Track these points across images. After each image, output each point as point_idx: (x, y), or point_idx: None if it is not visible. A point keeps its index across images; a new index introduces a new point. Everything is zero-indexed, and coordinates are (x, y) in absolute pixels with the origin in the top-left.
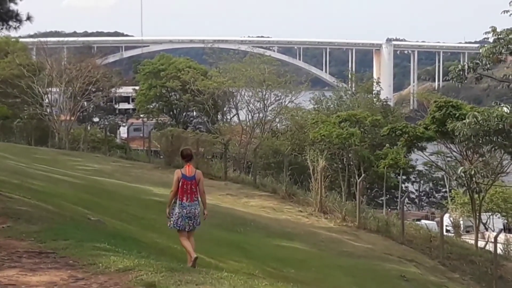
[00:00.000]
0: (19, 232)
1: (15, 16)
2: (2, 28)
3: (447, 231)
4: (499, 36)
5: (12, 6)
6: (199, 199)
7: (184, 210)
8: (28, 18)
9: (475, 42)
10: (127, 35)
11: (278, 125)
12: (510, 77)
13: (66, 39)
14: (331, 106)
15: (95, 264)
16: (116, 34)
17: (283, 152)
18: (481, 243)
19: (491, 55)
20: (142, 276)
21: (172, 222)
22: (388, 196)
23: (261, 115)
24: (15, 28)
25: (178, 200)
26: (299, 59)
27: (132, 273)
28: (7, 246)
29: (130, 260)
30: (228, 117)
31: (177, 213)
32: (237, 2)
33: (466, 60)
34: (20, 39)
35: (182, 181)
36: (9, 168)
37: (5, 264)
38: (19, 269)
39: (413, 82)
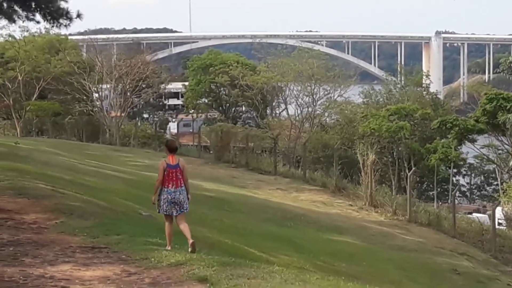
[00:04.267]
0: (72, 227)
1: (66, 14)
2: (53, 26)
3: (499, 224)
4: None
5: (62, 4)
6: (184, 185)
7: (169, 196)
8: (78, 15)
9: None
10: (176, 31)
11: (327, 119)
12: None
13: (115, 36)
14: (381, 99)
15: (147, 258)
16: (165, 30)
17: (333, 146)
18: None
19: None
20: (194, 271)
21: (159, 207)
22: (439, 189)
23: (310, 109)
24: (65, 25)
25: (164, 187)
26: (348, 53)
27: (184, 267)
28: (60, 241)
29: (182, 255)
30: (277, 111)
31: (163, 199)
32: None
33: None
34: (71, 37)
35: (168, 170)
36: (61, 164)
37: (59, 259)
38: (72, 264)
39: (463, 74)
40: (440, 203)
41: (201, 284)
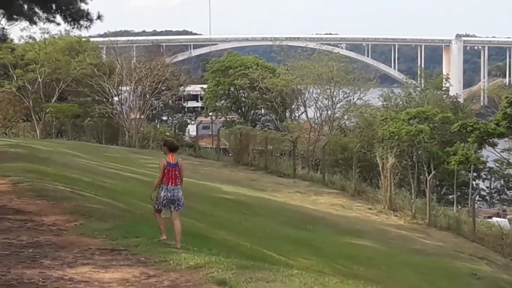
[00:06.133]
0: (91, 229)
1: (86, 16)
2: (73, 28)
3: None
4: None
5: (83, 6)
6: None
7: (169, 194)
8: (99, 17)
9: None
10: (195, 34)
11: (347, 122)
12: None
13: (135, 38)
14: (400, 103)
15: (166, 261)
16: (185, 32)
17: (352, 150)
18: None
19: None
20: (213, 273)
21: (158, 203)
22: (458, 193)
23: (329, 112)
24: (86, 27)
25: (164, 185)
26: (368, 56)
27: (203, 270)
28: (79, 244)
29: (201, 257)
30: (296, 114)
31: (163, 196)
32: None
33: None
34: (91, 39)
35: (168, 168)
36: (81, 166)
37: (78, 261)
38: (91, 266)
39: (484, 78)
40: (460, 207)
41: (220, 287)
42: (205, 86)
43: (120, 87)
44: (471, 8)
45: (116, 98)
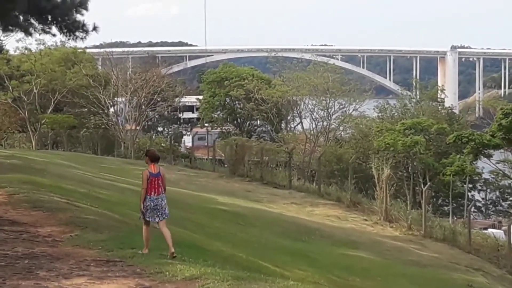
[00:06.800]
0: (87, 240)
1: (82, 27)
2: (69, 39)
3: None
4: None
5: (79, 17)
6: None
7: (152, 203)
8: (94, 28)
9: None
10: (191, 45)
11: (342, 133)
12: None
13: (131, 49)
14: (396, 114)
15: (162, 272)
16: (180, 43)
17: (347, 161)
18: None
19: None
20: (208, 285)
21: (143, 213)
22: (454, 204)
23: (325, 123)
24: (81, 38)
25: (147, 195)
26: (363, 67)
27: (199, 281)
28: (75, 255)
29: (196, 269)
30: (292, 125)
31: (146, 206)
32: (300, 10)
33: None
34: (87, 50)
35: (151, 178)
36: (76, 177)
37: (74, 273)
38: (87, 277)
39: (479, 89)
40: (455, 218)
41: None
42: (200, 97)
43: (115, 98)
44: (467, 20)
45: (111, 109)
